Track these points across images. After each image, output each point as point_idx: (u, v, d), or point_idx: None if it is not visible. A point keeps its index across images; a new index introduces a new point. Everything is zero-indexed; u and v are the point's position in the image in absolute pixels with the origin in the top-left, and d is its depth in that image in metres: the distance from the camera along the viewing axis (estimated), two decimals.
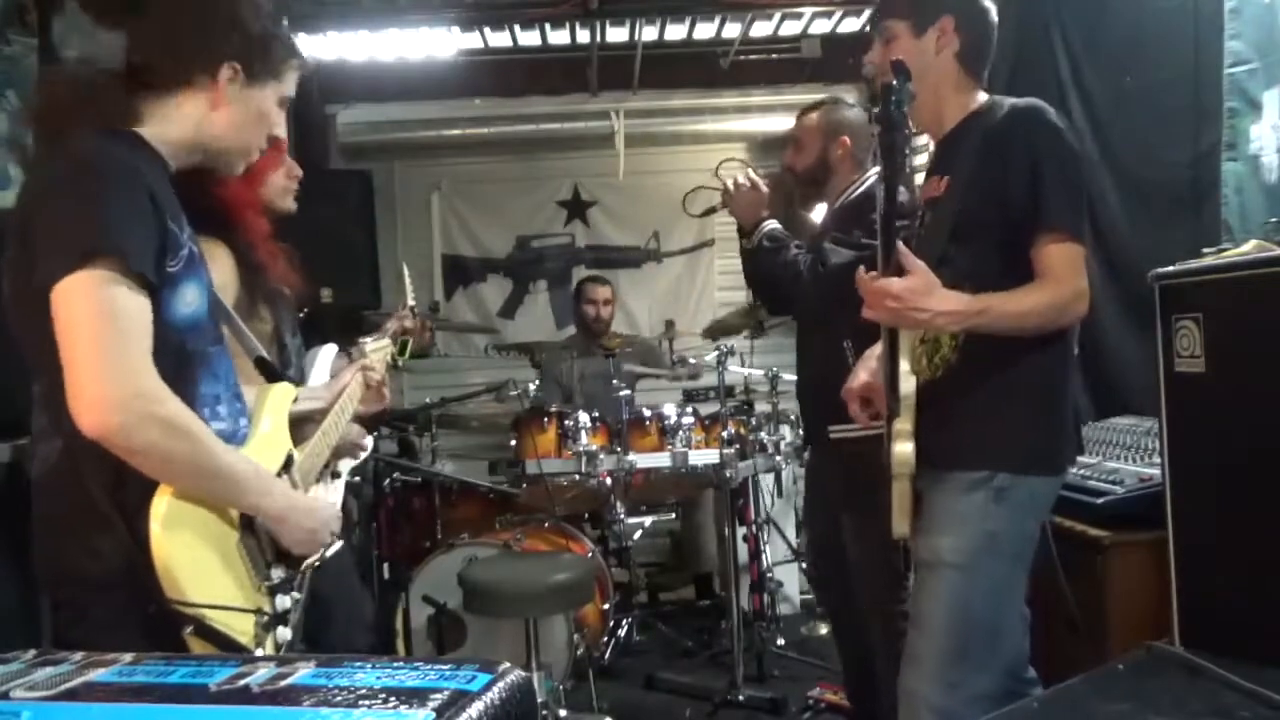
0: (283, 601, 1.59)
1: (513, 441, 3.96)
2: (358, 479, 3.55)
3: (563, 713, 3.24)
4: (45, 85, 1.72)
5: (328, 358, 2.34)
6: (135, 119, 1.50)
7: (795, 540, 4.63)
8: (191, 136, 1.54)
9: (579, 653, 3.47)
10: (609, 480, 3.73)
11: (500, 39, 4.87)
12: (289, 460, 1.71)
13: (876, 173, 2.15)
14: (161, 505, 1.37)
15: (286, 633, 1.57)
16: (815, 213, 3.00)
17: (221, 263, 1.87)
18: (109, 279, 1.33)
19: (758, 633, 3.96)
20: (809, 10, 4.57)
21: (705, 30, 4.89)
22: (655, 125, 5.26)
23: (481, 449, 5.17)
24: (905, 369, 1.87)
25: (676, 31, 4.88)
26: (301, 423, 1.86)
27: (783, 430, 3.97)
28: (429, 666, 0.93)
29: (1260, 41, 2.61)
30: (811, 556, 3.58)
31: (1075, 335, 1.95)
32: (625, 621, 4.25)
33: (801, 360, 2.96)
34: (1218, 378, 1.91)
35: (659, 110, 5.29)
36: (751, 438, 3.81)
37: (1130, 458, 2.50)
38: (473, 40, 4.83)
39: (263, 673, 0.93)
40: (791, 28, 4.90)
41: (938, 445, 1.87)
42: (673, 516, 4.82)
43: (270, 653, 1.51)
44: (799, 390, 3.05)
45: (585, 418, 3.74)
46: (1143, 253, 2.72)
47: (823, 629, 4.23)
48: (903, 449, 1.85)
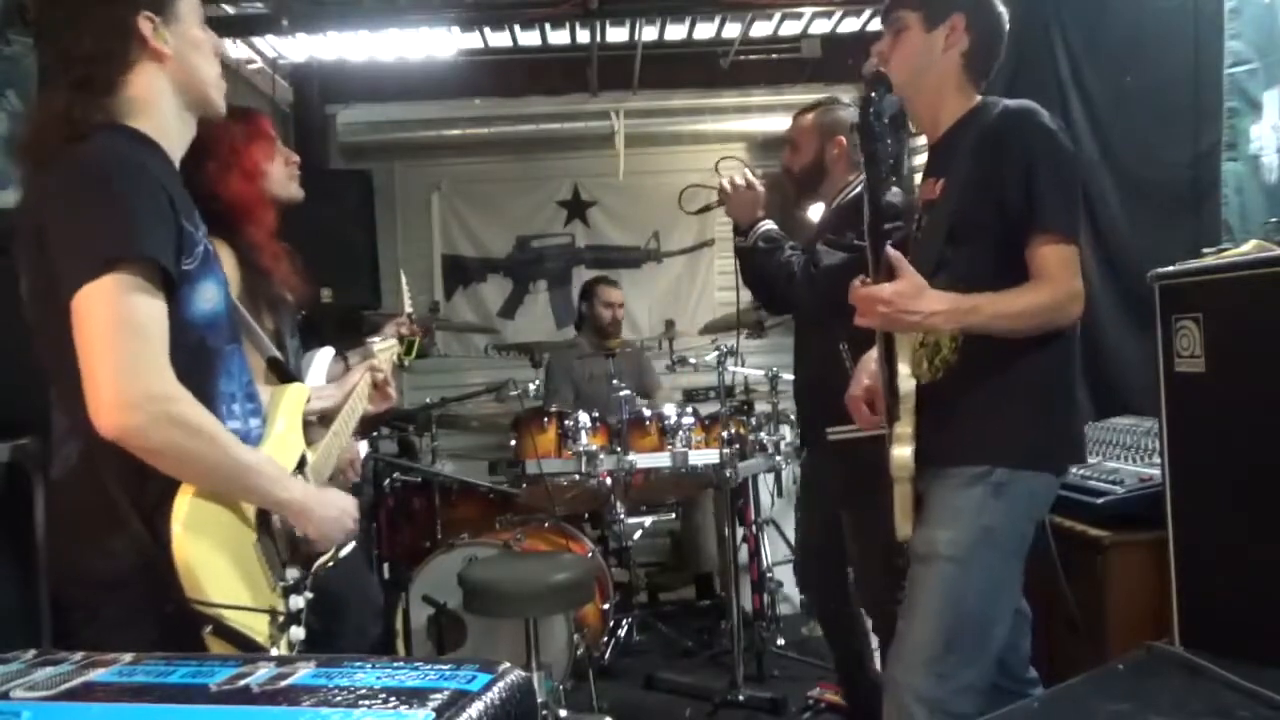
0: (296, 601, 1.60)
1: (513, 441, 3.96)
2: (358, 480, 3.55)
3: (563, 713, 3.24)
4: (31, 120, 1.71)
5: (324, 361, 2.34)
6: (118, 119, 1.49)
7: (795, 540, 4.62)
8: (171, 101, 1.54)
9: (579, 653, 3.47)
10: (609, 480, 3.74)
11: (500, 39, 4.87)
12: (303, 461, 1.73)
13: None
14: (183, 505, 1.39)
15: (300, 632, 1.59)
16: (813, 213, 3.00)
17: (224, 265, 1.88)
18: (129, 284, 1.35)
19: (758, 633, 3.95)
20: (809, 10, 4.56)
21: (705, 30, 4.89)
22: (655, 125, 5.26)
23: (481, 449, 5.18)
24: (904, 372, 1.88)
25: (676, 31, 4.88)
26: (310, 424, 1.87)
27: (783, 430, 3.98)
28: (429, 666, 0.93)
29: (1260, 41, 2.61)
30: (801, 557, 3.58)
31: (1077, 336, 1.95)
32: (625, 621, 4.24)
33: (799, 362, 2.96)
34: (1218, 378, 1.90)
35: (659, 110, 5.29)
36: (751, 438, 3.81)
37: (1130, 458, 2.50)
38: (473, 40, 4.83)
39: (263, 673, 0.93)
40: (791, 28, 4.90)
41: (938, 444, 1.87)
42: (673, 516, 4.81)
43: (284, 652, 1.52)
44: (796, 392, 3.05)
45: (585, 418, 3.74)
46: (1143, 253, 2.72)
47: None
48: (901, 453, 1.86)
